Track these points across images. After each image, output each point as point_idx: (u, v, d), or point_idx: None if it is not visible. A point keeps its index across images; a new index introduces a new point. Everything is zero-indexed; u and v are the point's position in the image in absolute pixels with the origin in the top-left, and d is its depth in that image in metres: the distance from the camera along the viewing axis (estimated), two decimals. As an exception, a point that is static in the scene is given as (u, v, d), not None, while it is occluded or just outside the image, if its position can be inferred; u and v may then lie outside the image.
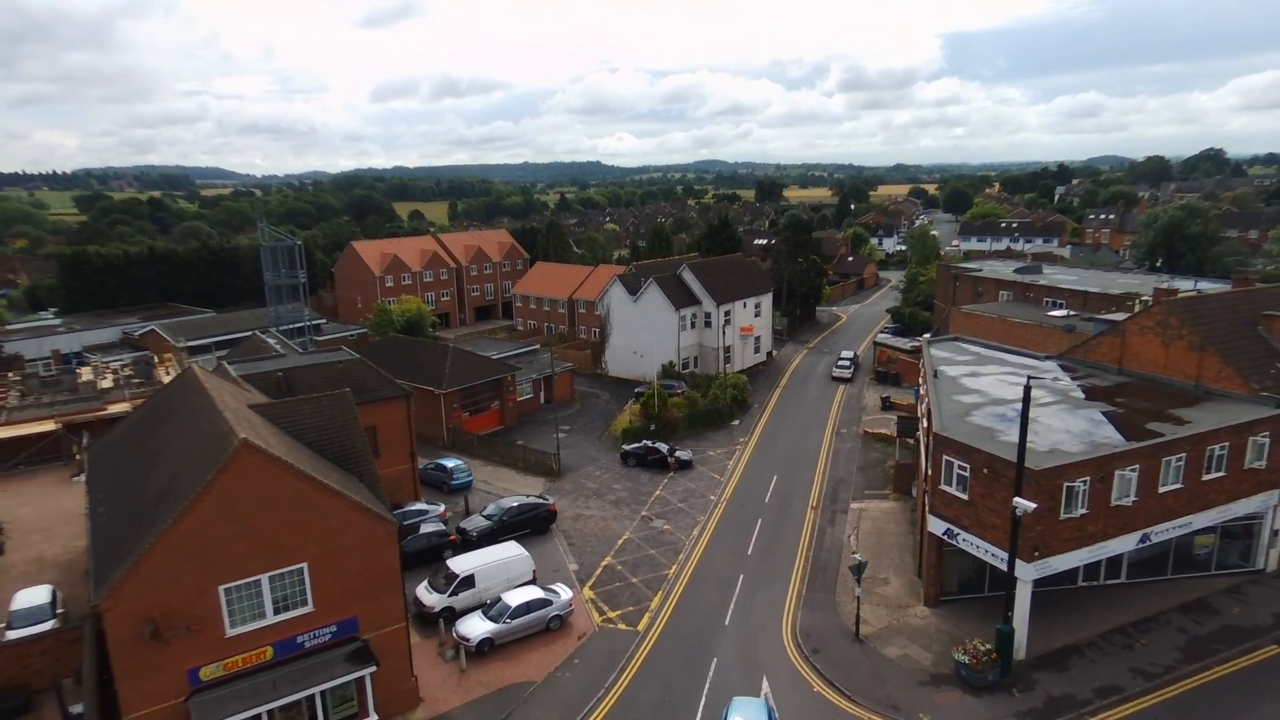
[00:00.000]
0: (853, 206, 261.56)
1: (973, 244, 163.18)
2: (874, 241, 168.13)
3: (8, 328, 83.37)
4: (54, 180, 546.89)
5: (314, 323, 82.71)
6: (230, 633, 23.60)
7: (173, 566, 22.27)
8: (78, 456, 52.04)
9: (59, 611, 31.41)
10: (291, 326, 75.15)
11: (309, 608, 24.80)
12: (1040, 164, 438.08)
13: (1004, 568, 28.09)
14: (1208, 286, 54.23)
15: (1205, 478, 30.88)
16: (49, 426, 53.14)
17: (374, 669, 25.24)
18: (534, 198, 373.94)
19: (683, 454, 50.86)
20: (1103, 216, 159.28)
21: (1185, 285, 54.06)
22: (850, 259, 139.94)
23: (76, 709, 25.08)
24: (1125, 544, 30.01)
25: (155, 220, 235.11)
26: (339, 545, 24.91)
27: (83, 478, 50.34)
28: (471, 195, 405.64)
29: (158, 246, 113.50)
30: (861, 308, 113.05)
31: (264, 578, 23.88)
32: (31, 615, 30.70)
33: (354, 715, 25.33)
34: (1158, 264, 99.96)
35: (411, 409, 42.37)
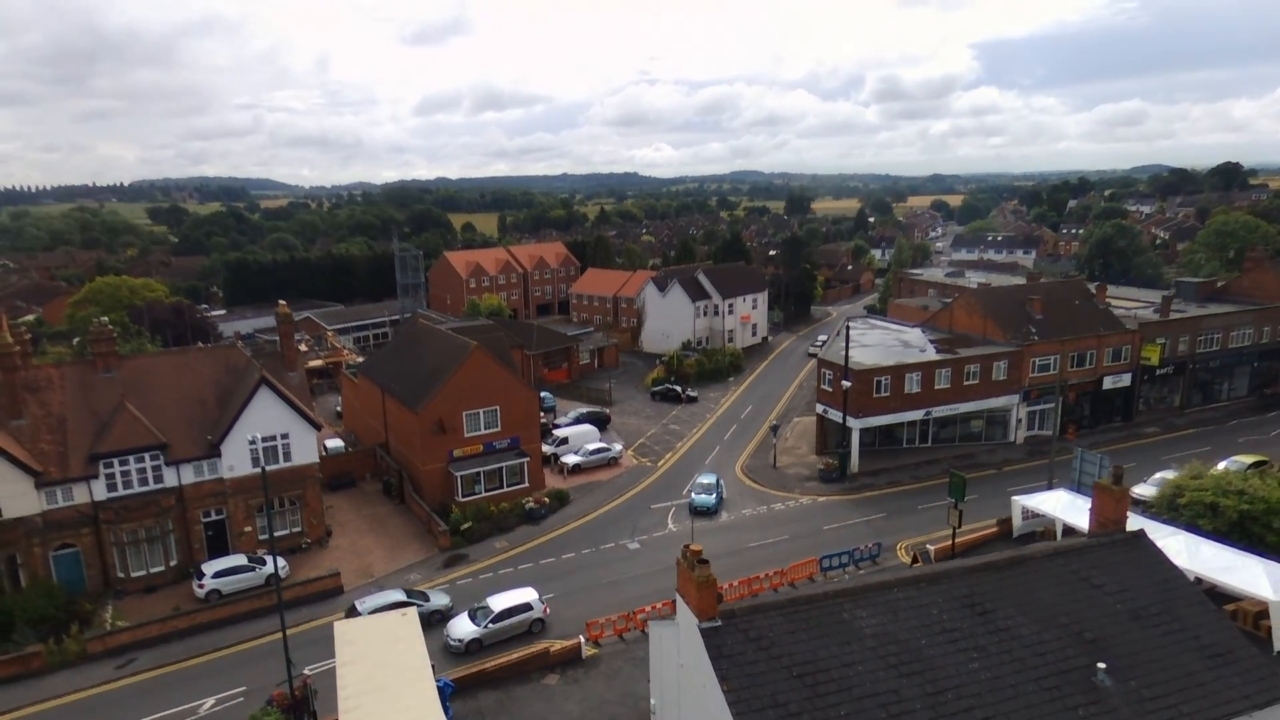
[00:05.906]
0: (871, 219, 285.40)
1: (962, 254, 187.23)
2: (875, 253, 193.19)
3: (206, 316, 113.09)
4: (119, 192, 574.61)
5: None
6: (466, 435, 50.98)
7: (446, 401, 49.73)
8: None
9: (348, 448, 59.50)
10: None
11: (499, 428, 52.11)
12: (1081, 173, 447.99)
13: (843, 421, 54.37)
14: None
15: (965, 383, 56.68)
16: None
17: (529, 459, 52.45)
18: (575, 209, 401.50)
19: (691, 392, 77.61)
20: (1072, 230, 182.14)
21: (1004, 281, 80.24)
22: (850, 267, 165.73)
23: (387, 478, 52.67)
24: (915, 414, 56.12)
25: (240, 231, 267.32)
26: (512, 399, 52.17)
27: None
28: (515, 207, 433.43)
29: (296, 255, 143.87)
30: (851, 307, 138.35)
31: (480, 410, 51.25)
32: (338, 449, 58.90)
33: (518, 482, 52.45)
34: (1096, 272, 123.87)
35: (524, 354, 69.78)
